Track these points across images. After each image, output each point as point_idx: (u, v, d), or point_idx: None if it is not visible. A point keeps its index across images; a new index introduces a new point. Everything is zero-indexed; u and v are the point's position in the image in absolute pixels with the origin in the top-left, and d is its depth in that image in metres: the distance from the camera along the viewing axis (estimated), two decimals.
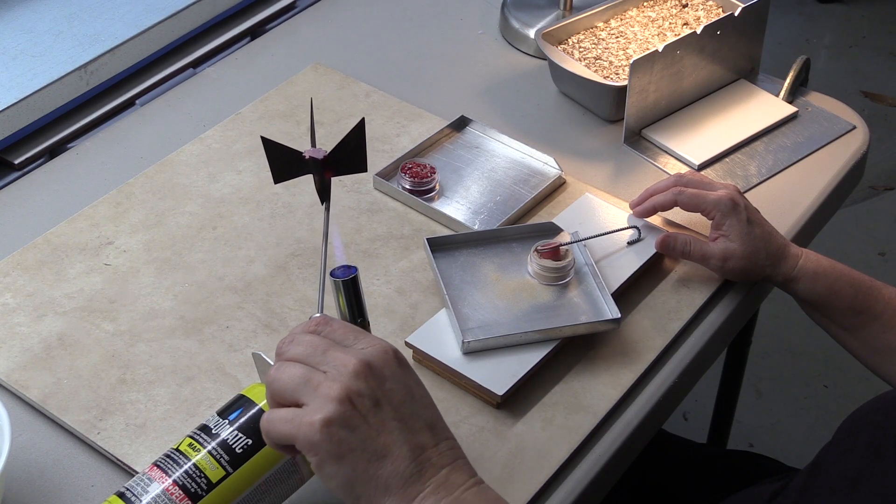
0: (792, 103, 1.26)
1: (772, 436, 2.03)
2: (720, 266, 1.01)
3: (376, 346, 0.70)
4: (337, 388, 0.67)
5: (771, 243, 1.01)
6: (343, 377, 0.68)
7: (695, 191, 1.02)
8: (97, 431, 0.90)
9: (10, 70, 1.21)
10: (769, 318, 2.11)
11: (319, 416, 0.66)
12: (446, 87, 1.29)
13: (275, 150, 0.78)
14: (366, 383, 0.68)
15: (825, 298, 1.01)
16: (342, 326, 0.72)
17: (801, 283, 1.01)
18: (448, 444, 0.70)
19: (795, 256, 1.02)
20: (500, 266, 1.01)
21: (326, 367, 0.68)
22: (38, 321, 0.99)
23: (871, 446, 0.82)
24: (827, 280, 1.01)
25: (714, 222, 1.01)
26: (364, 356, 0.69)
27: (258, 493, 0.78)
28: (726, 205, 1.00)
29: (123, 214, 1.10)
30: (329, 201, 0.79)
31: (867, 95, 2.85)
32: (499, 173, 1.14)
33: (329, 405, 0.67)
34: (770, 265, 1.01)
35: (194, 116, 1.24)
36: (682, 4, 1.33)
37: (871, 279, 1.02)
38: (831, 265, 1.02)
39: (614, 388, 0.94)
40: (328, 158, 0.78)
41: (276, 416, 0.69)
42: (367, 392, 0.68)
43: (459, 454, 0.71)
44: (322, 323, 0.72)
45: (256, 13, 1.41)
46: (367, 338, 0.71)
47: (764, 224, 1.02)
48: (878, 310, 1.00)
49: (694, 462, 1.23)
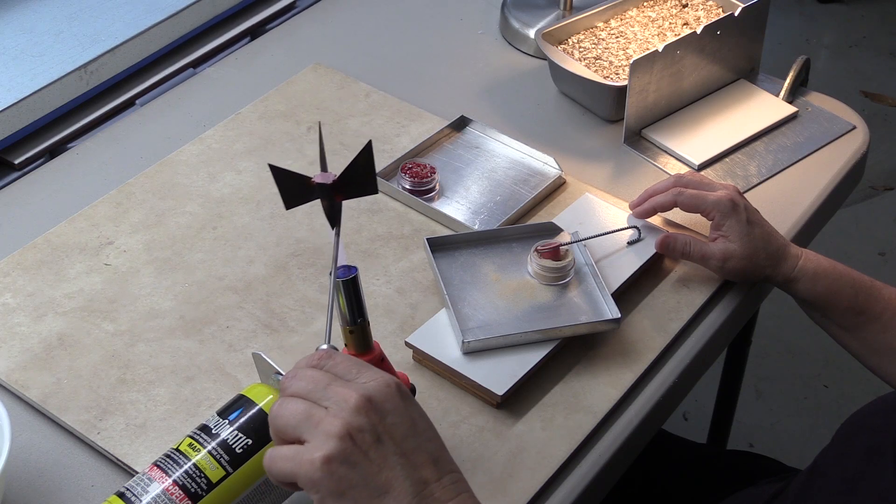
0: (792, 103, 1.26)
1: (772, 436, 2.03)
2: (720, 266, 1.01)
3: (378, 380, 0.69)
4: (338, 425, 0.66)
5: (771, 244, 1.01)
6: (344, 413, 0.66)
7: (694, 191, 1.02)
8: (97, 431, 0.90)
9: (10, 70, 1.21)
10: (769, 318, 2.11)
11: (320, 453, 0.65)
12: (446, 87, 1.29)
13: (284, 177, 0.78)
14: (367, 418, 0.67)
15: (825, 299, 1.01)
16: (345, 360, 0.70)
17: (800, 283, 1.01)
18: (452, 478, 0.69)
19: (795, 257, 1.02)
20: (500, 266, 1.01)
21: (328, 403, 0.67)
22: (38, 321, 0.99)
23: (870, 449, 0.82)
24: (827, 280, 1.01)
25: (714, 223, 1.01)
26: (365, 391, 0.68)
27: (258, 493, 0.78)
28: (726, 205, 1.00)
29: (123, 214, 1.10)
30: (339, 226, 0.79)
31: (867, 95, 2.85)
32: (499, 173, 1.14)
33: (329, 442, 0.66)
34: (770, 266, 1.01)
35: (194, 116, 1.24)
36: (682, 4, 1.33)
37: (871, 279, 1.02)
38: (831, 265, 1.02)
39: (614, 388, 0.94)
40: (337, 182, 0.77)
41: (277, 453, 0.68)
42: (368, 427, 0.66)
43: (464, 487, 0.69)
44: (325, 356, 0.71)
45: (256, 13, 1.41)
46: (369, 371, 0.70)
47: (764, 224, 1.02)
48: (878, 310, 1.00)
49: (694, 462, 1.23)
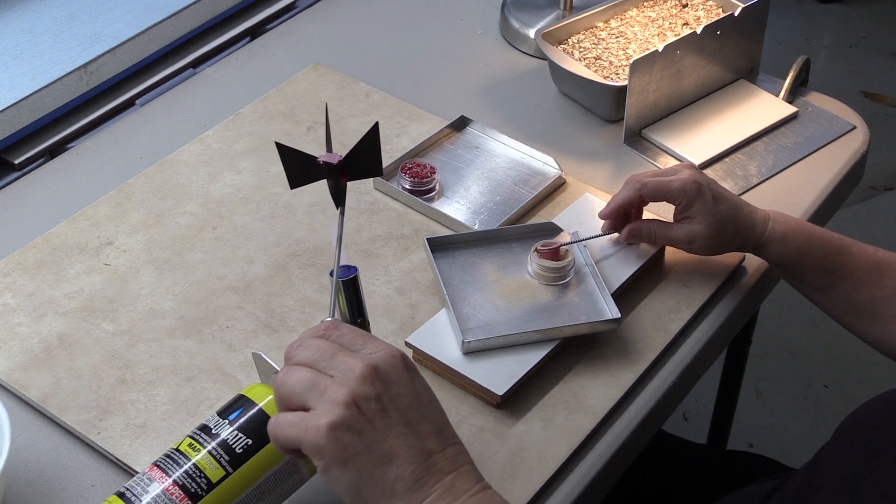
0: (792, 103, 1.26)
1: (772, 436, 2.03)
2: (687, 248, 1.01)
3: (384, 351, 0.70)
4: (344, 393, 0.67)
5: (738, 216, 1.00)
6: (350, 381, 0.68)
7: (657, 180, 1.00)
8: (97, 431, 0.90)
9: (10, 70, 1.21)
10: (769, 318, 2.11)
11: (326, 419, 0.67)
12: (446, 87, 1.29)
13: (290, 156, 0.78)
14: (372, 388, 0.68)
15: (796, 259, 1.00)
16: (351, 331, 0.72)
17: (771, 246, 1.00)
18: (455, 450, 0.70)
19: (764, 221, 1.01)
20: (500, 266, 1.01)
21: (334, 372, 0.69)
22: (38, 321, 0.99)
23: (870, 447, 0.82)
24: (797, 240, 1.00)
25: (680, 207, 1.00)
26: (371, 361, 0.69)
27: (258, 493, 0.78)
28: (692, 189, 0.98)
29: (123, 214, 1.10)
30: (344, 206, 0.79)
31: (867, 95, 2.85)
32: (499, 173, 1.14)
33: (336, 409, 0.67)
34: (739, 237, 1.00)
35: (194, 116, 1.24)
36: (682, 4, 1.33)
37: (841, 237, 1.01)
38: (800, 226, 1.01)
39: (614, 388, 0.94)
40: (343, 163, 0.77)
41: (282, 419, 0.69)
42: (373, 396, 0.68)
43: (466, 459, 0.71)
44: (331, 327, 0.72)
45: (256, 13, 1.41)
46: (375, 342, 0.71)
47: (728, 198, 1.00)
48: (849, 268, 0.99)
49: (694, 462, 1.23)
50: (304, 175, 0.79)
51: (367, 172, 0.79)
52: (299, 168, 0.79)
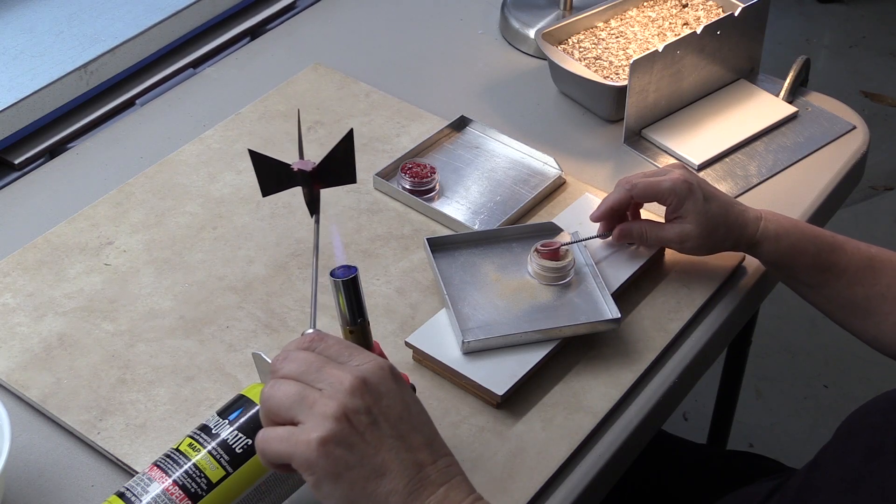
0: (792, 103, 1.26)
1: (772, 436, 2.03)
2: (679, 248, 1.01)
3: (372, 363, 0.69)
4: (333, 406, 0.66)
5: (729, 215, 0.99)
6: (339, 394, 0.66)
7: (647, 181, 1.00)
8: (97, 431, 0.90)
9: (10, 70, 1.21)
10: (769, 318, 2.11)
11: (316, 434, 0.65)
12: (446, 87, 1.29)
13: (263, 163, 0.77)
14: (362, 400, 0.67)
15: (789, 257, 1.00)
16: (337, 343, 0.70)
17: (764, 245, 1.00)
18: (446, 461, 0.69)
19: (756, 220, 1.00)
20: (500, 266, 1.01)
21: (322, 385, 0.67)
22: (38, 321, 0.99)
23: (870, 447, 0.82)
24: (789, 239, 1.00)
25: (671, 207, 1.00)
26: (360, 373, 0.68)
27: (258, 493, 0.78)
28: (682, 189, 0.98)
29: (123, 214, 1.10)
30: (318, 214, 0.79)
31: (867, 95, 2.85)
32: (499, 173, 1.14)
33: (326, 423, 0.66)
34: (731, 236, 1.00)
35: (194, 116, 1.24)
36: (682, 4, 1.33)
37: (834, 234, 1.01)
38: (792, 224, 1.01)
39: (614, 388, 0.94)
40: (317, 170, 0.77)
41: (271, 434, 0.67)
42: (363, 409, 0.67)
43: (458, 470, 0.70)
44: (316, 339, 0.70)
45: (256, 13, 1.41)
46: (361, 354, 0.70)
47: (719, 196, 1.00)
48: (842, 266, 0.99)
49: (694, 462, 1.23)
50: (277, 182, 0.78)
51: (342, 179, 0.78)
52: (272, 175, 0.78)
